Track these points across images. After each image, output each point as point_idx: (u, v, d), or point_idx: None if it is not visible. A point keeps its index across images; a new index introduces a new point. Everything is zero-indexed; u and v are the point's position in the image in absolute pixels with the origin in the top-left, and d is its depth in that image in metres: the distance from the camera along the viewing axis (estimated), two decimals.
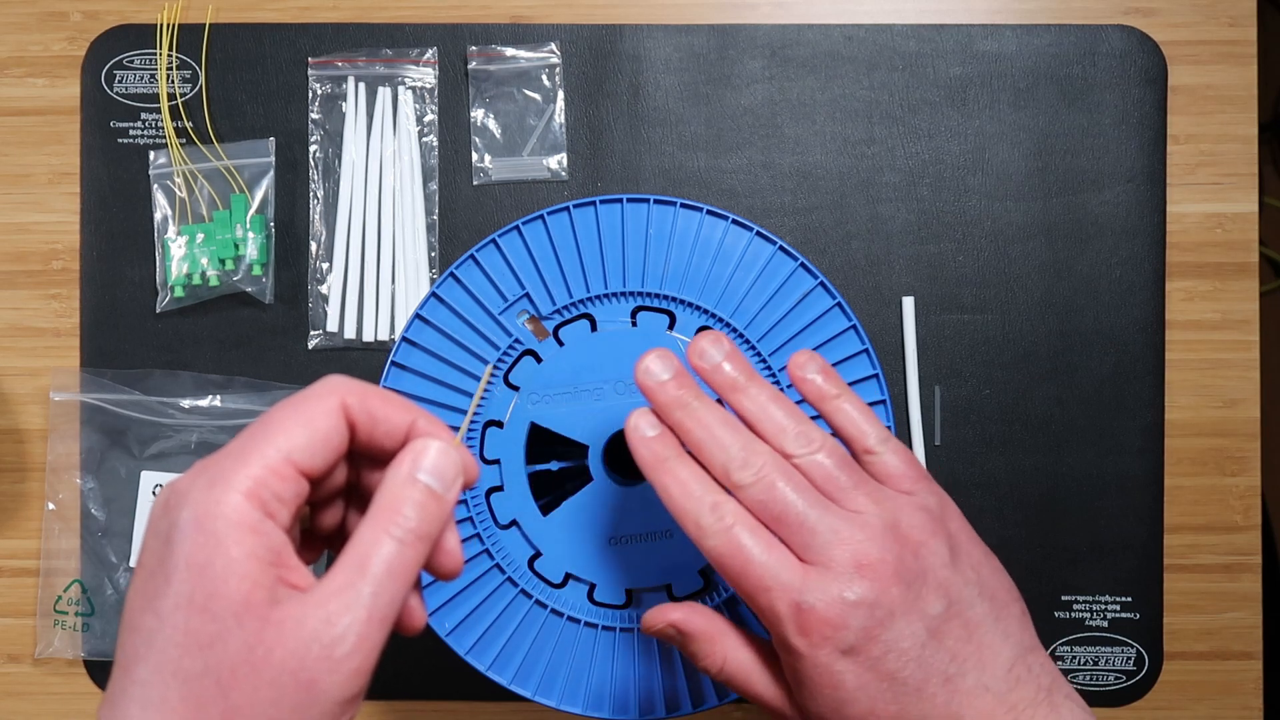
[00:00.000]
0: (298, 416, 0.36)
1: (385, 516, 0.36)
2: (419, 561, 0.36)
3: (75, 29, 0.67)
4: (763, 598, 0.41)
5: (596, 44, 0.66)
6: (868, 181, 0.66)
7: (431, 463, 0.37)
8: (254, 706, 0.33)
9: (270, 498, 0.35)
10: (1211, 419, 0.66)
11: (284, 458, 0.35)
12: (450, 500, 0.37)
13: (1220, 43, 0.67)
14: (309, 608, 0.34)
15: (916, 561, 0.42)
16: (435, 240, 0.66)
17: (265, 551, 0.34)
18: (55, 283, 0.67)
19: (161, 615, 0.34)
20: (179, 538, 0.34)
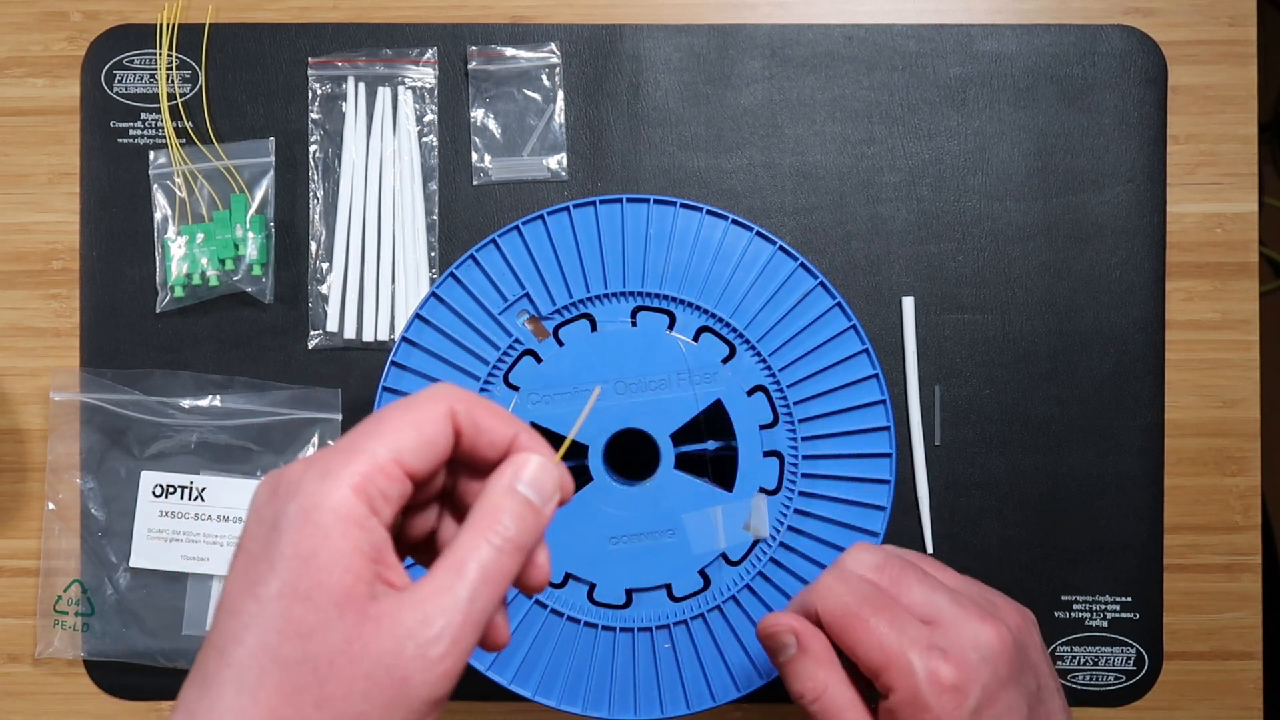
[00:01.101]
0: (408, 418, 0.37)
1: (485, 524, 0.37)
2: (513, 571, 0.37)
3: (75, 29, 0.67)
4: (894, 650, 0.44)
5: (596, 44, 0.66)
6: (868, 181, 0.66)
7: (531, 475, 0.38)
8: (347, 698, 0.34)
9: (376, 494, 0.35)
10: (1211, 419, 0.66)
11: (392, 457, 0.36)
12: (547, 514, 0.38)
13: (1220, 43, 0.67)
14: (406, 607, 0.35)
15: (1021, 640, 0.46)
16: (435, 240, 0.66)
17: (369, 547, 0.35)
18: (55, 283, 0.67)
19: (263, 601, 0.34)
20: (286, 526, 0.35)
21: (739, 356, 0.55)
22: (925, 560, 0.49)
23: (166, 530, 0.65)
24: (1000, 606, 0.47)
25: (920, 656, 0.44)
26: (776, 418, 0.55)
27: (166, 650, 0.65)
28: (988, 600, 0.47)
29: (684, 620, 0.55)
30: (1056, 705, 0.47)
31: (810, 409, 0.55)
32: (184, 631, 0.65)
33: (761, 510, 0.55)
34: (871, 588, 0.45)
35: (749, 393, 0.55)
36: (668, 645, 0.55)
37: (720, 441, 0.56)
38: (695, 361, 0.55)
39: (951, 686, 0.43)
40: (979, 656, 0.44)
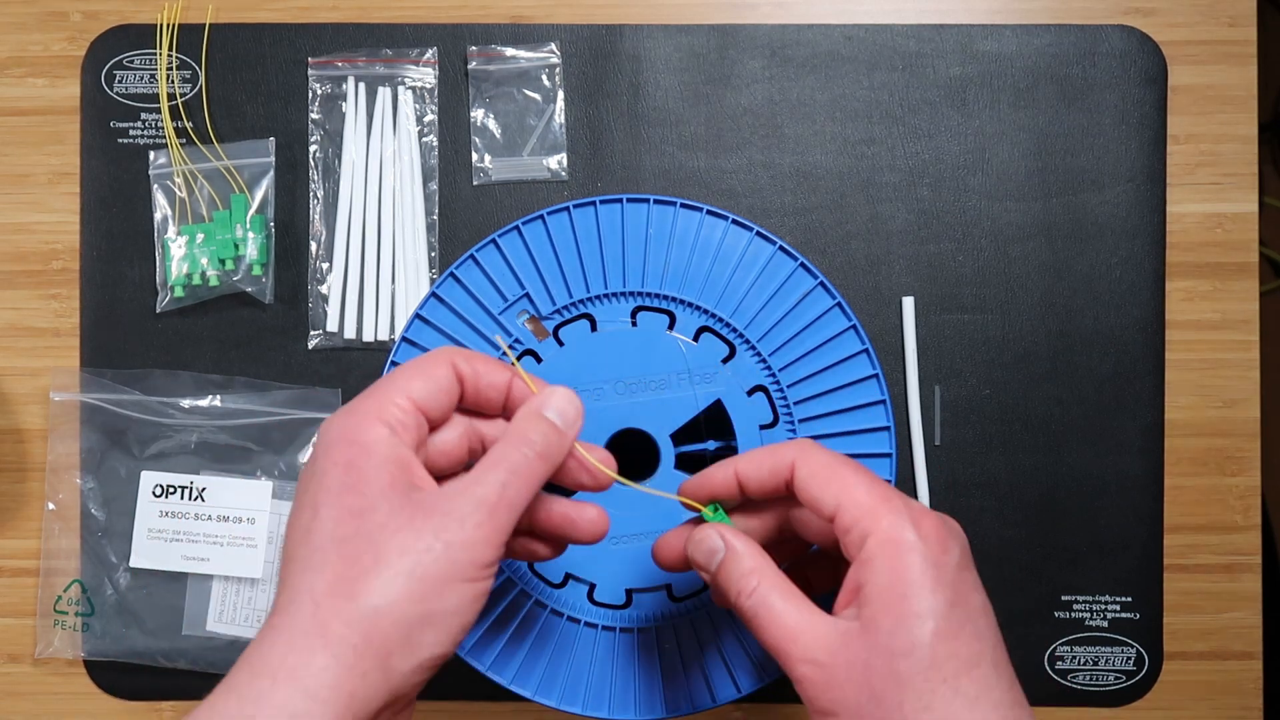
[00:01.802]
0: (415, 370, 0.43)
1: (514, 437, 0.43)
2: (541, 475, 0.43)
3: (75, 29, 0.67)
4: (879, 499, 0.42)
5: (596, 44, 0.66)
6: (868, 181, 0.66)
7: (556, 403, 0.44)
8: (401, 554, 0.40)
9: (397, 424, 0.42)
10: (1211, 419, 0.66)
11: (406, 396, 0.42)
12: (570, 436, 0.44)
13: (1220, 43, 0.67)
14: (444, 493, 0.41)
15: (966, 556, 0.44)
16: (435, 240, 0.66)
17: (400, 458, 0.41)
18: (55, 283, 0.67)
19: (318, 505, 0.41)
20: (327, 448, 0.41)
21: (739, 356, 0.55)
22: None
23: (166, 530, 0.65)
24: None
25: (904, 501, 0.43)
26: (776, 418, 0.55)
27: (166, 650, 0.65)
28: None
29: (684, 620, 0.55)
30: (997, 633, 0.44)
31: (810, 409, 0.55)
32: (184, 631, 0.65)
33: None
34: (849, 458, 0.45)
35: (749, 393, 0.55)
36: (668, 645, 0.55)
37: (720, 441, 0.56)
38: (695, 361, 0.55)
39: (935, 528, 0.42)
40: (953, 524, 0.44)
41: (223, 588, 0.65)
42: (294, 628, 0.39)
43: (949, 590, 0.41)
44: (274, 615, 0.40)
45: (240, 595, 0.65)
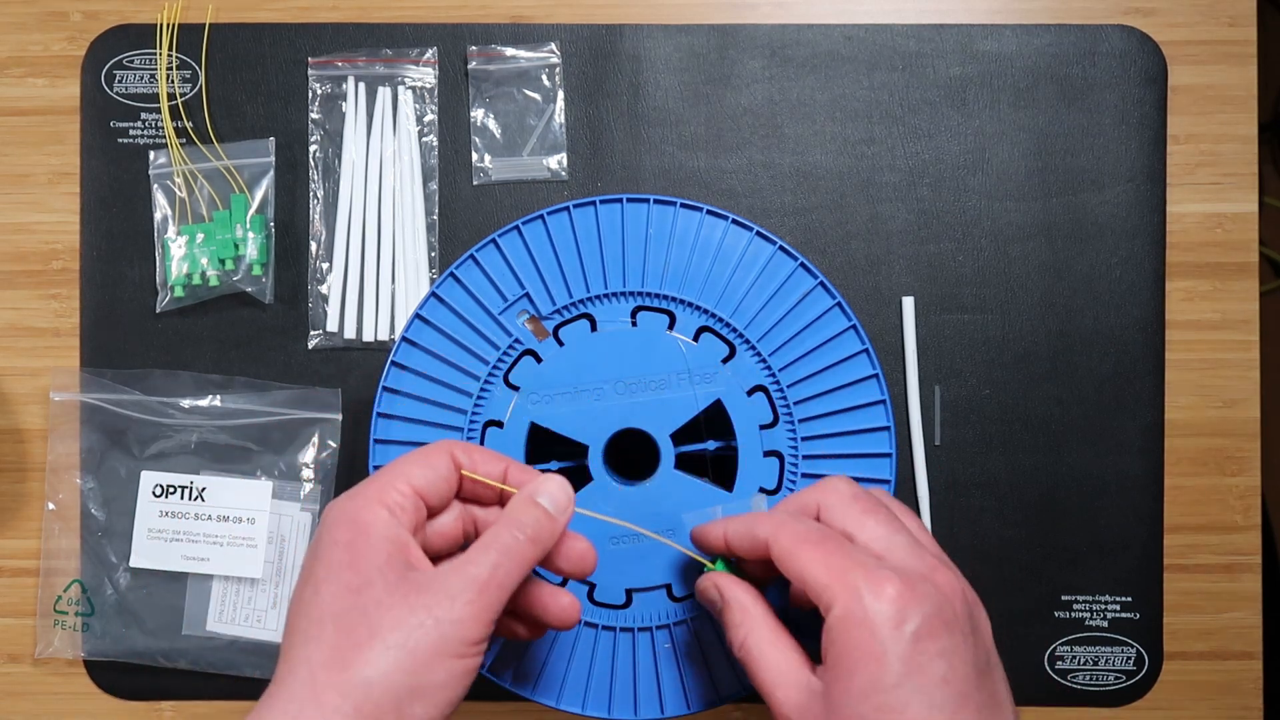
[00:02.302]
0: (417, 458, 0.46)
1: (508, 520, 0.45)
2: (532, 558, 0.45)
3: (75, 29, 0.67)
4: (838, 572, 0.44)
5: (596, 44, 0.66)
6: (868, 181, 0.66)
7: (549, 490, 0.47)
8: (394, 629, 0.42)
9: (396, 507, 0.44)
10: (1211, 419, 0.66)
11: (407, 482, 0.45)
12: (562, 522, 0.46)
13: (1220, 43, 0.67)
14: (438, 572, 0.43)
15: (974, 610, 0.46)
16: (435, 240, 0.66)
17: (397, 538, 0.44)
18: (55, 283, 0.67)
19: (319, 581, 0.43)
20: (329, 527, 0.44)
21: (739, 356, 0.55)
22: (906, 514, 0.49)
23: (166, 530, 0.65)
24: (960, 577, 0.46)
25: (865, 571, 0.44)
26: (776, 418, 0.55)
27: (166, 650, 0.65)
28: (948, 563, 0.47)
29: (684, 620, 0.55)
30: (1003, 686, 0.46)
31: (810, 409, 0.55)
32: (184, 631, 0.65)
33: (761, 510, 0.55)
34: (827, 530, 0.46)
35: (749, 393, 0.55)
36: (668, 645, 0.55)
37: (720, 441, 0.56)
38: (695, 361, 0.55)
39: (892, 600, 0.43)
40: (926, 589, 0.44)
41: (223, 588, 0.65)
42: (291, 696, 0.41)
43: (899, 665, 0.43)
44: (274, 684, 0.42)
45: (240, 595, 0.65)
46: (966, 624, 0.44)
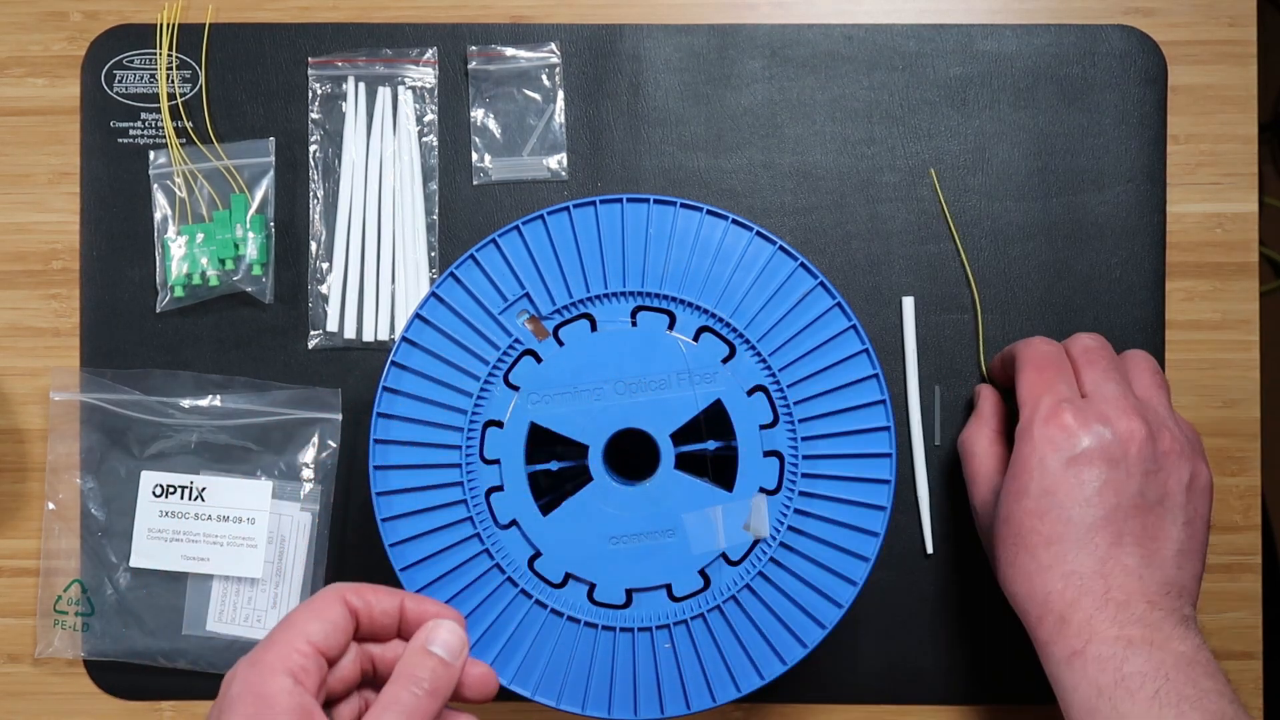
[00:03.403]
0: (310, 611, 0.46)
1: (405, 678, 0.46)
2: (432, 710, 0.45)
3: (75, 29, 0.67)
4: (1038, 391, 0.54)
5: (596, 44, 0.66)
6: (868, 181, 0.66)
7: (442, 638, 0.47)
8: None
9: (298, 669, 0.44)
10: (1211, 419, 0.66)
11: (304, 639, 0.45)
12: (457, 668, 0.47)
13: (1220, 43, 0.67)
14: None
15: (1162, 459, 0.53)
16: (435, 240, 0.66)
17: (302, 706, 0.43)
18: (55, 283, 0.67)
19: None
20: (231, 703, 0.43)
21: (739, 356, 0.55)
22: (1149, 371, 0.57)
23: (166, 530, 0.65)
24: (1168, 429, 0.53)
25: (1051, 399, 0.53)
26: (776, 418, 0.55)
27: (166, 650, 0.65)
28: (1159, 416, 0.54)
29: (684, 620, 0.55)
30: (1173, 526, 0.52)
31: (810, 409, 0.55)
32: (184, 631, 0.65)
33: (761, 510, 0.55)
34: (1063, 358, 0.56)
35: (749, 393, 0.55)
36: (668, 645, 0.55)
37: (720, 441, 0.56)
38: (695, 361, 0.55)
39: (1059, 427, 0.52)
40: (1099, 428, 0.52)
41: (223, 587, 0.65)
42: None
43: (1048, 479, 0.52)
44: None
45: (240, 595, 0.65)
46: (1139, 465, 0.52)
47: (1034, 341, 0.58)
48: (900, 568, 0.65)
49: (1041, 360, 0.56)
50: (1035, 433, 0.53)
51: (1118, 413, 0.53)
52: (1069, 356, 0.57)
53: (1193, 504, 0.53)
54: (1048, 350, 0.57)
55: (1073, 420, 0.53)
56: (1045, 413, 0.53)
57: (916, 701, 0.66)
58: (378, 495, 0.55)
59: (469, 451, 0.55)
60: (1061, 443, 0.52)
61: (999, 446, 0.59)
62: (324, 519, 0.65)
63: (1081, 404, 0.53)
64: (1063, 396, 0.53)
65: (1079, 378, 0.55)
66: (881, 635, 0.65)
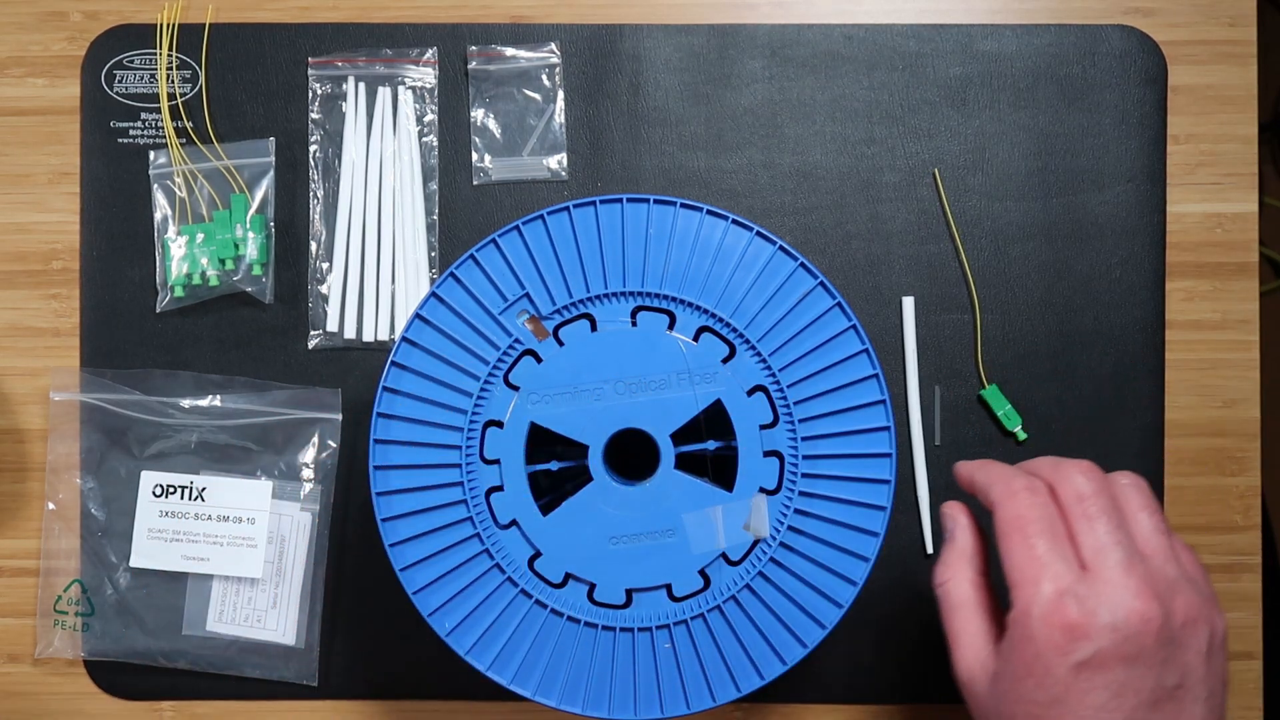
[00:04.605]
0: None
1: None
2: None
3: (75, 29, 0.67)
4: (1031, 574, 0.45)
5: (596, 44, 0.66)
6: (868, 181, 0.66)
7: None
8: None
9: None
10: (1211, 419, 0.66)
11: None
12: None
13: (1220, 43, 0.67)
14: None
15: (1179, 632, 0.45)
16: (435, 240, 0.66)
17: None
18: (55, 283, 0.67)
19: None
20: None
21: (739, 356, 0.55)
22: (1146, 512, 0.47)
23: (166, 530, 0.65)
24: (1181, 592, 0.45)
25: (1052, 589, 0.44)
26: (776, 418, 0.55)
27: (166, 650, 0.65)
28: (1169, 578, 0.45)
29: (684, 620, 0.55)
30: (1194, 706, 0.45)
31: (810, 409, 0.55)
32: (184, 631, 0.65)
33: (761, 510, 0.55)
34: (1053, 514, 0.47)
35: (749, 393, 0.55)
36: (668, 645, 0.55)
37: (720, 441, 0.56)
38: (695, 361, 0.55)
39: (1064, 629, 0.44)
40: (1110, 621, 0.44)
41: (223, 588, 0.65)
42: None
43: (1057, 687, 0.44)
44: None
45: (240, 595, 0.65)
46: (1156, 654, 0.44)
47: (1015, 490, 0.47)
48: (900, 568, 0.65)
49: (1030, 527, 0.46)
50: (1036, 632, 0.44)
51: (1128, 595, 0.44)
52: (1058, 502, 0.47)
53: (1213, 672, 0.46)
54: (1035, 509, 0.47)
55: (1079, 617, 0.44)
56: (1045, 608, 0.44)
57: (916, 701, 0.66)
58: (378, 495, 0.55)
59: (469, 451, 0.55)
60: (1068, 647, 0.44)
61: (984, 596, 0.49)
62: (324, 519, 0.65)
63: (1086, 593, 0.44)
64: (1063, 586, 0.44)
65: (1074, 540, 0.46)
66: (881, 635, 0.65)
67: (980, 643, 0.48)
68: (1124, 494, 0.48)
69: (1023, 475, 0.48)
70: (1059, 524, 0.46)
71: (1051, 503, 0.47)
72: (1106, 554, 0.45)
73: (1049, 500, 0.47)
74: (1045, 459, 0.49)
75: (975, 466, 0.50)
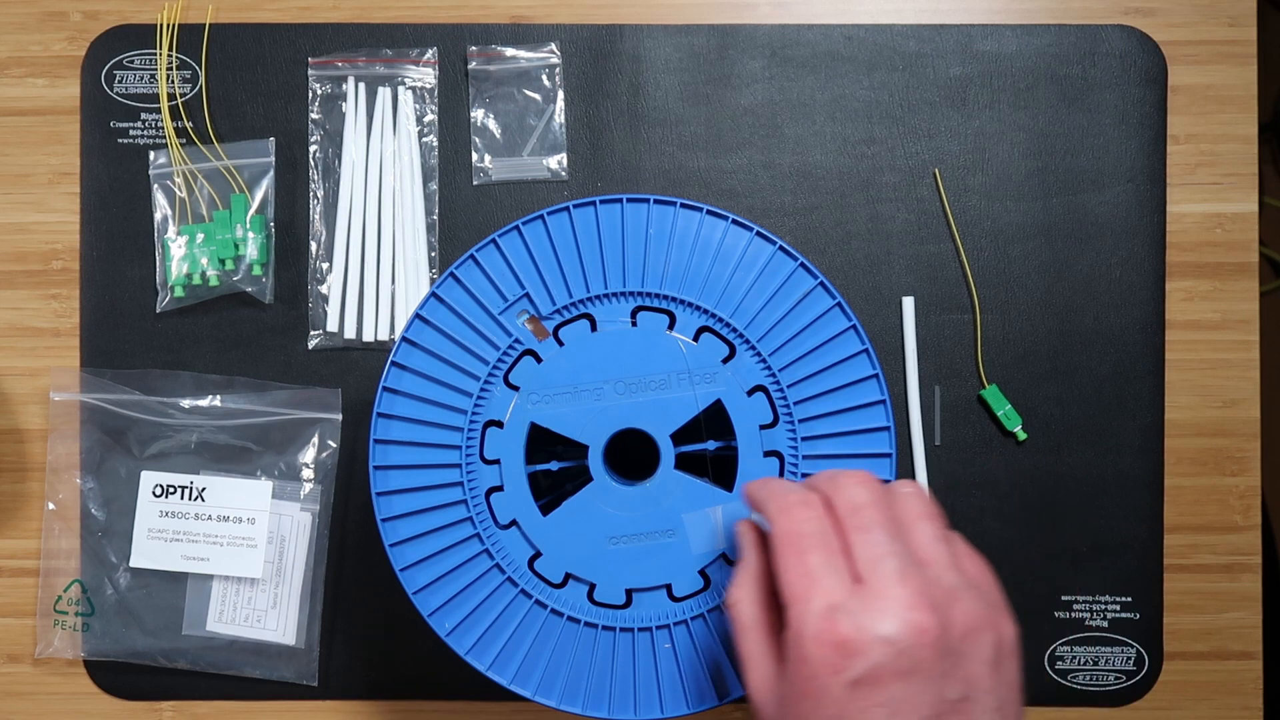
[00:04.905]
0: None
1: None
2: None
3: (75, 29, 0.67)
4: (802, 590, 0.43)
5: (596, 44, 0.66)
6: (868, 181, 0.66)
7: None
8: None
9: None
10: (1211, 419, 0.66)
11: None
12: None
13: (1220, 43, 0.67)
14: None
15: (959, 643, 0.43)
16: (435, 240, 0.66)
17: None
18: (55, 283, 0.67)
19: None
20: None
21: (739, 356, 0.55)
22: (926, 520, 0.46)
23: (166, 530, 0.65)
24: (960, 600, 0.43)
25: (822, 605, 0.42)
26: (776, 418, 0.55)
27: (166, 650, 0.65)
28: (947, 587, 0.44)
29: (684, 620, 0.55)
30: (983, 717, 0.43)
31: (810, 409, 0.55)
32: (184, 631, 0.65)
33: None
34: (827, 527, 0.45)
35: (749, 393, 0.55)
36: (668, 645, 0.55)
37: (720, 441, 0.56)
38: (695, 361, 0.55)
39: (836, 646, 0.42)
40: (883, 634, 0.41)
41: (223, 588, 0.65)
42: None
43: (832, 707, 0.42)
44: None
45: (240, 595, 0.65)
46: (935, 666, 0.42)
47: (790, 505, 0.46)
48: None
49: (801, 541, 0.44)
50: (809, 651, 0.42)
51: (901, 606, 0.42)
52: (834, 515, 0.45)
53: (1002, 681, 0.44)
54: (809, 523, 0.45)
55: (851, 633, 0.41)
56: (816, 625, 0.42)
57: None
58: (378, 495, 0.55)
59: (469, 452, 0.55)
60: (841, 664, 0.41)
61: (769, 616, 0.47)
62: (324, 519, 0.65)
63: (857, 606, 0.42)
64: (834, 600, 0.42)
65: (849, 552, 0.44)
66: None
67: (766, 665, 0.46)
68: (903, 503, 0.46)
69: (798, 490, 0.46)
70: (833, 537, 0.44)
71: (827, 516, 0.45)
72: (880, 565, 0.43)
73: (824, 513, 0.45)
74: (825, 472, 0.47)
75: (757, 485, 0.48)
